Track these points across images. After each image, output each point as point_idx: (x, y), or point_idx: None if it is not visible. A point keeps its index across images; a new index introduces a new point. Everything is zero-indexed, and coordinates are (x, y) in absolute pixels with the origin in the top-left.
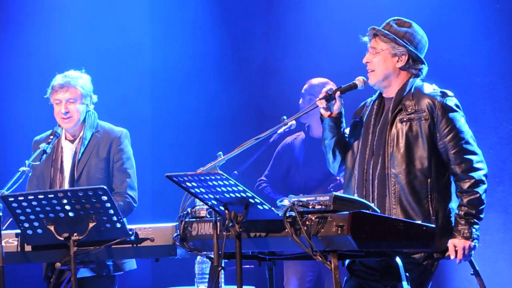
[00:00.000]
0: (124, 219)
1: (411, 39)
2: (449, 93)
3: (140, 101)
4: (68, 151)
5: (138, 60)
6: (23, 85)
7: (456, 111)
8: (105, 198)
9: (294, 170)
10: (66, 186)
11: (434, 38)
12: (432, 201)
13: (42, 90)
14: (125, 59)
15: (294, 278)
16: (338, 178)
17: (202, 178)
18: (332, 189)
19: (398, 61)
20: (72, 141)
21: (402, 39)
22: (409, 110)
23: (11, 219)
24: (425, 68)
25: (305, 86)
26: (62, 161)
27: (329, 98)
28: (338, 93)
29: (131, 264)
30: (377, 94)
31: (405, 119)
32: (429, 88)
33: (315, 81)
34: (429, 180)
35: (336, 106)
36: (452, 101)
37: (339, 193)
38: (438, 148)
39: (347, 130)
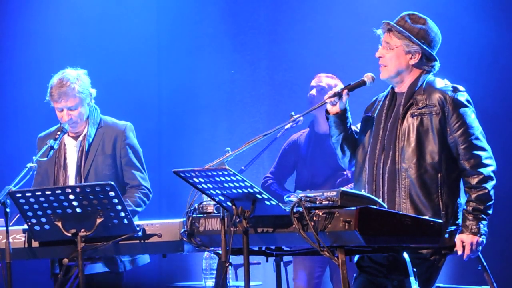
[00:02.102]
0: (137, 214)
1: (425, 37)
2: (461, 88)
3: (148, 96)
4: (71, 148)
5: (145, 54)
6: (25, 81)
7: (467, 106)
8: (112, 194)
9: (301, 166)
10: (71, 183)
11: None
12: (442, 195)
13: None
14: (132, 54)
15: (303, 273)
16: (345, 173)
17: (210, 174)
18: (339, 184)
19: (411, 58)
20: (75, 138)
21: (417, 37)
22: (420, 105)
23: (18, 215)
24: (437, 65)
25: (314, 80)
26: (65, 158)
27: (339, 96)
28: (346, 90)
29: (144, 258)
30: (388, 89)
31: (416, 114)
32: (441, 83)
33: (324, 75)
34: (439, 175)
35: (342, 103)
36: (463, 96)
37: (346, 189)
38: (448, 143)
39: (358, 125)
